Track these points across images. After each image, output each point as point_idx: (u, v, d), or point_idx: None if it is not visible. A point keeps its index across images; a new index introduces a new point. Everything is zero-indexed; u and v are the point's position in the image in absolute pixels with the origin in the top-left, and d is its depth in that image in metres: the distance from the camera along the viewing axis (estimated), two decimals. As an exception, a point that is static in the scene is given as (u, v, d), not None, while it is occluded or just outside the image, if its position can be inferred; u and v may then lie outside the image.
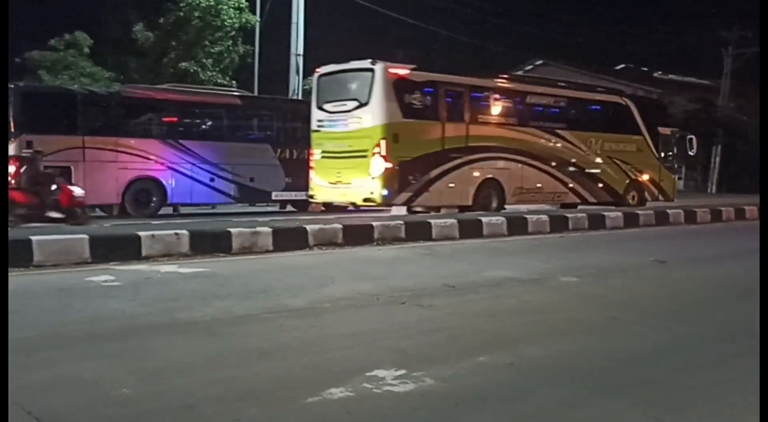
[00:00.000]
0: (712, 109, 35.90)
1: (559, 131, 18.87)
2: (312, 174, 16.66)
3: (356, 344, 5.92)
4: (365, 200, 15.49)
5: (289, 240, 11.46)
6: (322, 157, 16.30)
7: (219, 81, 26.81)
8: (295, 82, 25.16)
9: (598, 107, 20.35)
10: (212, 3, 26.14)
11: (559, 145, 18.83)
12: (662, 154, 21.58)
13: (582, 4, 57.65)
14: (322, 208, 18.77)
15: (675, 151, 22.17)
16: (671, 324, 7.11)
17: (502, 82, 18.74)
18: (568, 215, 16.18)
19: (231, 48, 27.62)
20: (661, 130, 21.61)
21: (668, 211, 18.77)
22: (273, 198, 20.15)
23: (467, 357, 5.56)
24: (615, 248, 13.37)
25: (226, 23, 26.77)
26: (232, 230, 11.04)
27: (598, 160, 19.79)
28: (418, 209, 16.52)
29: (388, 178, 15.19)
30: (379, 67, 15.32)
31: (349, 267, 10.13)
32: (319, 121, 16.50)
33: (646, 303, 8.15)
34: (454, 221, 13.86)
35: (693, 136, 23.29)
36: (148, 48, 28.18)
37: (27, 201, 13.18)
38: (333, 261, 10.73)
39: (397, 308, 7.37)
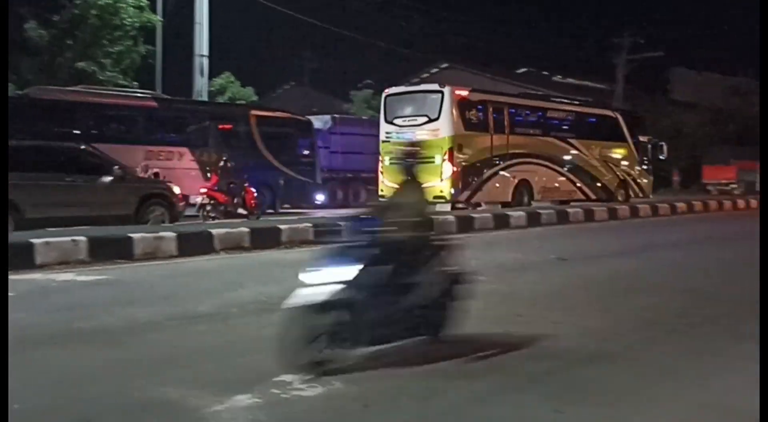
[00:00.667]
0: (607, 112, 37.55)
1: (569, 140, 22.57)
2: (381, 177, 19.45)
3: (265, 349, 5.81)
4: (435, 198, 17.44)
5: (195, 244, 11.19)
6: (392, 163, 17.55)
7: (119, 82, 25.86)
8: (200, 83, 24.58)
9: (595, 119, 24.30)
10: (110, 1, 25.20)
11: (569, 151, 22.52)
12: (641, 158, 25.44)
13: (486, 10, 59.13)
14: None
15: (650, 155, 25.86)
16: (573, 318, 7.35)
17: (530, 101, 22.69)
18: (475, 216, 16.52)
19: (132, 48, 26.70)
20: (641, 138, 25.49)
21: (568, 210, 19.50)
22: (190, 202, 19.64)
23: (378, 358, 5.56)
24: (519, 247, 13.72)
25: (125, 22, 25.85)
26: (134, 235, 10.68)
27: (597, 163, 23.46)
28: (460, 206, 19.47)
29: (455, 180, 18.66)
30: (447, 90, 18.79)
31: (257, 271, 9.98)
32: (388, 133, 19.55)
33: (549, 299, 8.40)
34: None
35: (663, 143, 26.73)
36: (41, 47, 26.87)
37: (225, 201, 17.08)
38: (240, 266, 10.55)
39: (307, 311, 7.28)
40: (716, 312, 7.76)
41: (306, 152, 22.29)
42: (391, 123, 19.63)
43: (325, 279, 5.04)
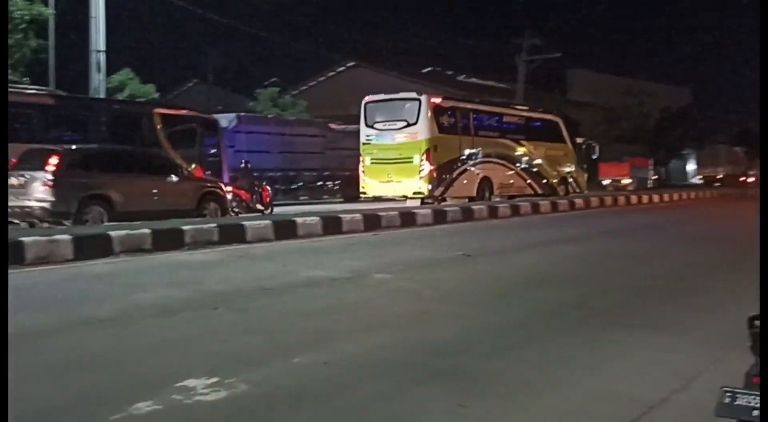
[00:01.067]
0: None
1: (521, 141, 25.36)
2: (362, 175, 21.73)
3: (166, 353, 5.67)
4: (414, 193, 20.83)
5: (92, 247, 10.75)
6: (372, 163, 21.47)
7: (9, 77, 24.56)
8: (97, 80, 23.65)
9: (541, 123, 27.17)
10: (-2, -8, 23.90)
11: (521, 151, 25.27)
12: (579, 158, 28.54)
13: (393, 10, 59.65)
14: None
15: (585, 155, 29.29)
16: (478, 313, 7.52)
17: (490, 107, 25.45)
18: (381, 214, 16.63)
19: (22, 41, 25.40)
20: (578, 139, 28.69)
21: (473, 207, 19.93)
22: None
23: (282, 359, 5.51)
24: (426, 244, 13.91)
25: (15, 14, 24.58)
26: (25, 239, 10.16)
27: (543, 162, 26.21)
28: (428, 201, 21.39)
29: (432, 178, 20.97)
30: (424, 97, 21.48)
31: (159, 274, 9.70)
32: (368, 136, 21.83)
33: (455, 295, 8.56)
34: (268, 222, 13.74)
35: (596, 144, 30.55)
36: None
37: (248, 198, 20.21)
38: (142, 268, 10.22)
39: (210, 313, 7.15)
40: (611, 302, 8.09)
41: (212, 151, 21.85)
42: (371, 127, 21.88)
43: None
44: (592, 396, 4.86)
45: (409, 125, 21.16)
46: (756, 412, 2.72)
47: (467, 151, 22.68)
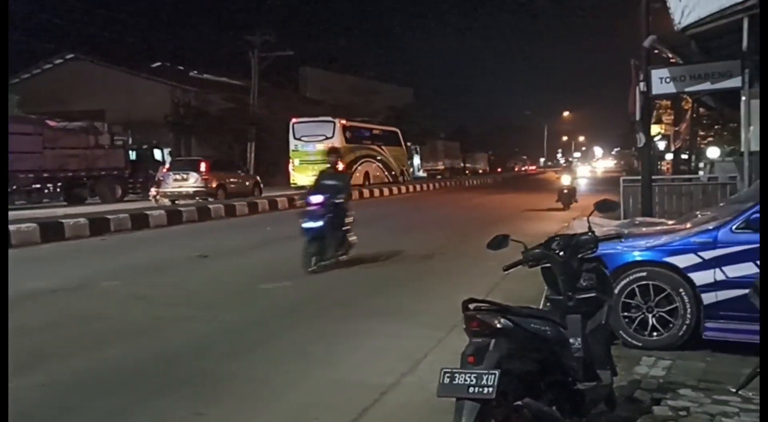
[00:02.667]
0: (245, 108, 38.36)
1: (381, 146, 37.33)
2: (293, 172, 31.78)
3: None
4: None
5: None
6: (300, 163, 31.21)
7: None
8: None
9: (389, 133, 39.35)
10: None
11: (381, 153, 37.23)
12: (408, 156, 42.72)
13: (118, 1, 56.18)
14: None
15: (410, 154, 44.17)
16: (217, 314, 7.37)
17: (366, 124, 37.30)
18: (110, 217, 15.63)
19: None
20: (408, 144, 42.93)
21: (210, 206, 19.54)
22: None
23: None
24: (160, 246, 13.35)
25: None
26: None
27: (392, 160, 38.26)
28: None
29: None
30: (337, 120, 32.34)
31: None
32: (296, 145, 32.05)
33: (191, 298, 8.30)
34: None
35: (417, 146, 47.31)
36: None
37: None
38: None
39: None
40: (347, 294, 8.42)
41: None
42: (299, 140, 32.20)
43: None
44: (329, 388, 5.01)
45: (327, 138, 31.00)
46: (472, 389, 2.98)
47: (357, 154, 33.67)
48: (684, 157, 23.09)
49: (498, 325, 3.19)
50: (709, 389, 4.55)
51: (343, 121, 32.78)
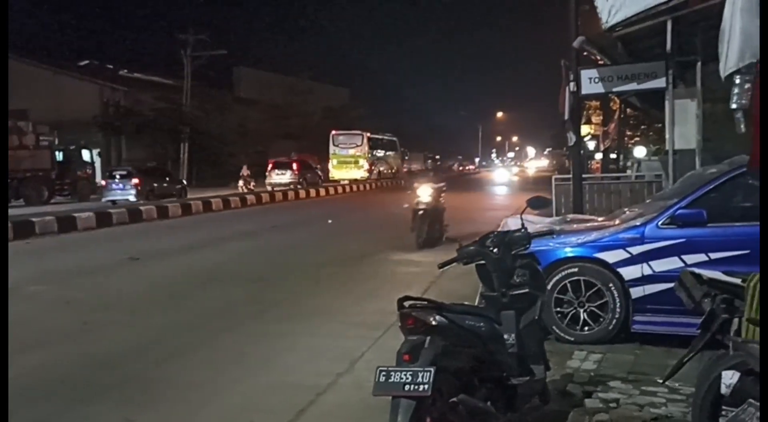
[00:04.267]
0: (177, 107, 37.59)
1: (387, 151, 49.14)
2: (332, 169, 42.50)
3: None
4: (360, 177, 41.58)
5: None
6: (338, 163, 42.31)
7: None
8: None
9: (389, 141, 50.18)
10: None
11: (386, 155, 48.79)
12: (401, 158, 55.01)
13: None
14: None
15: (402, 156, 56.33)
16: (147, 318, 7.20)
17: (379, 134, 47.89)
18: (35, 219, 15.09)
19: None
20: (402, 149, 55.34)
21: (141, 208, 19.08)
22: None
23: None
24: (88, 249, 12.96)
25: None
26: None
27: (392, 161, 50.19)
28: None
29: (369, 170, 43.26)
30: (364, 133, 43.70)
31: None
32: (334, 151, 42.73)
33: (121, 302, 8.07)
34: None
35: (406, 149, 59.78)
36: None
37: None
38: None
39: None
40: (282, 295, 8.33)
41: None
42: (337, 146, 42.76)
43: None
44: (265, 390, 4.94)
45: (357, 146, 42.89)
46: (408, 387, 2.97)
47: (374, 158, 45.12)
48: (613, 156, 23.75)
49: (433, 322, 3.20)
50: (637, 381, 4.68)
51: (368, 134, 44.58)
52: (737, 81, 4.37)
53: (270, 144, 42.39)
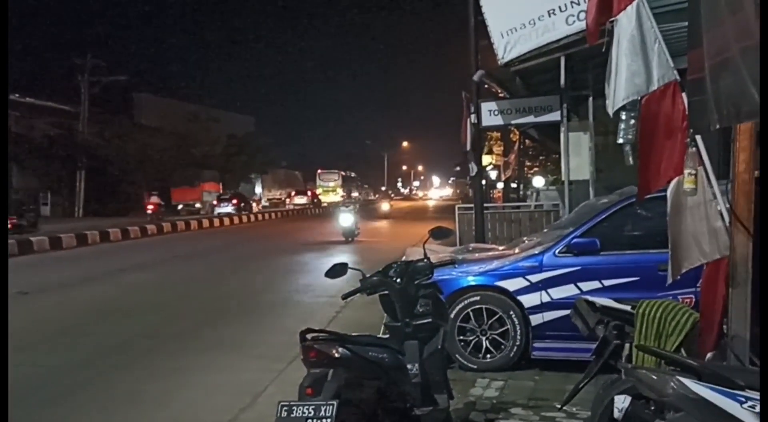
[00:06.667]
0: (73, 134, 36.19)
1: (347, 185, 76.26)
2: (321, 196, 62.42)
3: None
4: (337, 202, 48.69)
5: None
6: (323, 191, 66.98)
7: None
8: None
9: (352, 177, 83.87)
10: None
11: (347, 187, 76.38)
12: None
13: None
14: None
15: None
16: (36, 357, 6.80)
17: (347, 173, 79.11)
18: None
19: None
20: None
21: (32, 238, 18.16)
22: None
23: None
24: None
25: None
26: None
27: (355, 189, 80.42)
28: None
29: (345, 197, 59.98)
30: (339, 172, 74.48)
31: None
32: (320, 182, 70.34)
33: (9, 339, 7.56)
34: None
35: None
36: None
37: None
38: None
39: None
40: (181, 328, 8.07)
41: None
42: (320, 179, 70.45)
43: None
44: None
45: (335, 180, 70.48)
46: (310, 421, 2.92)
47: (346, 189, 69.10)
48: (513, 185, 24.51)
49: (336, 355, 3.17)
50: (537, 406, 4.78)
51: (342, 173, 73.05)
52: (623, 117, 4.61)
53: (172, 172, 41.31)
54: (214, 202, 40.57)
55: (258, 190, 54.54)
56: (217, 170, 46.14)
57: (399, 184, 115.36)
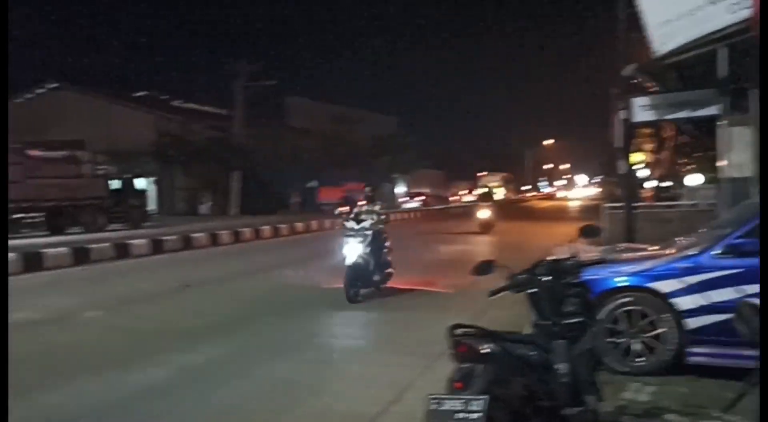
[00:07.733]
0: (229, 136, 38.35)
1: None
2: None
3: None
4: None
5: None
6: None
7: None
8: None
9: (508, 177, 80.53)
10: None
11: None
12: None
13: (101, 30, 56.27)
14: None
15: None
16: (198, 346, 7.21)
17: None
18: (92, 246, 15.50)
19: None
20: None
21: (191, 235, 19.42)
22: None
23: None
24: (143, 276, 13.22)
25: None
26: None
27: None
28: None
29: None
30: (501, 174, 75.95)
31: None
32: (480, 184, 54.55)
33: (173, 330, 8.15)
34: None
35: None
36: None
37: None
38: None
39: None
40: (347, 328, 8.33)
41: None
42: (483, 181, 57.89)
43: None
44: (315, 417, 4.96)
45: (495, 182, 62.56)
46: (460, 415, 2.95)
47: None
48: (665, 184, 23.34)
49: (485, 350, 3.19)
50: (694, 413, 4.56)
51: (503, 174, 73.80)
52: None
53: (319, 173, 42.79)
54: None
55: (399, 189, 55.38)
56: (360, 169, 47.24)
57: (544, 182, 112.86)
